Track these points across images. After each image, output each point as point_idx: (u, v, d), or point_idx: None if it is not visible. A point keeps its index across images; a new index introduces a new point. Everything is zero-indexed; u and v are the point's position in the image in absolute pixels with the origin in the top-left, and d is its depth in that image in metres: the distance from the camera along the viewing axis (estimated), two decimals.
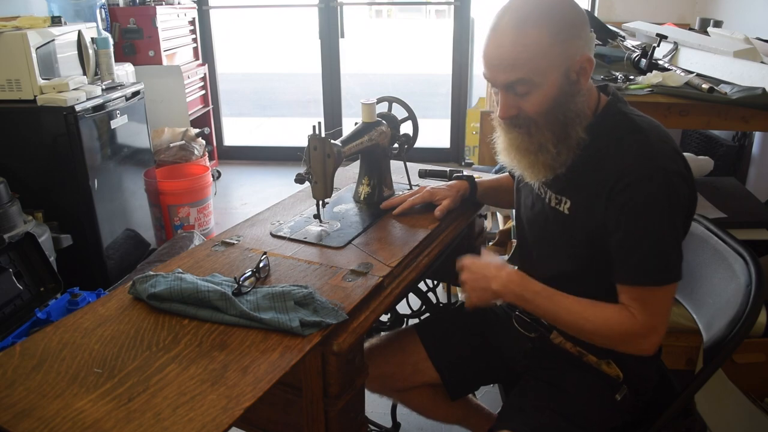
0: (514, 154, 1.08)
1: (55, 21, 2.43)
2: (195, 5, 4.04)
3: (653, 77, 1.72)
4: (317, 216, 1.28)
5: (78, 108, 2.24)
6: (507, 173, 1.44)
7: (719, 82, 1.74)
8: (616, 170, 0.98)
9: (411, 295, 1.66)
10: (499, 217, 2.59)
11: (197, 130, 3.41)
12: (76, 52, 2.48)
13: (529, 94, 0.99)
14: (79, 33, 2.48)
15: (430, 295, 1.65)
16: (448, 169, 1.57)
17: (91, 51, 2.53)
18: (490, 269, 1.10)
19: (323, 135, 1.18)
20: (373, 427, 1.64)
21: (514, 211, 1.31)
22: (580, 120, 1.03)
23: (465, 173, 1.46)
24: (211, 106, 4.10)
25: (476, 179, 1.42)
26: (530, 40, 0.94)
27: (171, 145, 3.21)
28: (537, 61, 0.95)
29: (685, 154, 2.36)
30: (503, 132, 1.09)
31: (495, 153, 1.15)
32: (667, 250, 0.97)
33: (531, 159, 1.05)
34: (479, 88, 4.25)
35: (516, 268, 1.31)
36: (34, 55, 2.20)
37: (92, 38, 2.55)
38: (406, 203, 1.35)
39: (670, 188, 0.96)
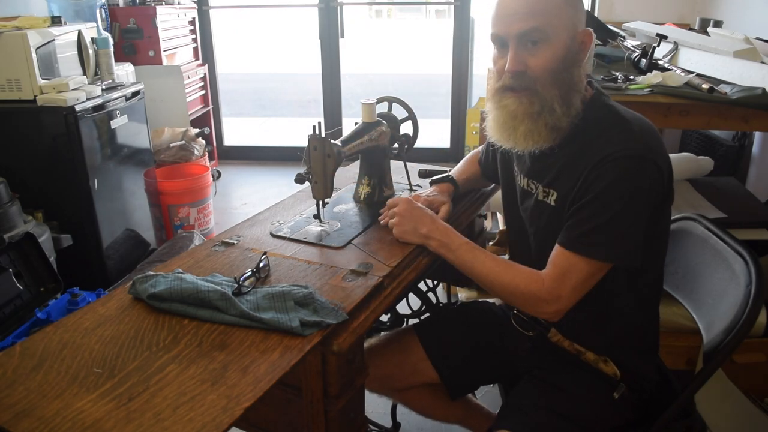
0: (510, 123, 1.05)
1: (55, 21, 2.43)
2: (195, 5, 4.04)
3: (653, 77, 1.72)
4: (317, 216, 1.28)
5: (78, 108, 2.24)
6: (469, 158, 1.45)
7: (719, 82, 1.74)
8: (597, 156, 0.99)
9: (411, 295, 1.66)
10: (499, 217, 2.59)
11: (197, 130, 3.41)
12: (76, 52, 2.48)
13: (540, 48, 1.00)
14: (79, 33, 2.48)
15: (430, 295, 1.65)
16: (448, 169, 1.57)
17: (91, 51, 2.53)
18: (424, 216, 1.17)
19: (323, 135, 1.18)
20: (373, 427, 1.64)
21: (502, 208, 1.31)
22: (580, 93, 1.04)
23: (439, 175, 1.44)
24: (211, 106, 4.10)
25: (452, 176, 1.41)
26: None
27: (171, 145, 3.21)
28: (551, 14, 0.99)
29: (685, 154, 2.36)
30: (498, 101, 1.07)
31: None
32: (615, 230, 0.98)
33: (528, 125, 1.04)
34: (479, 88, 4.25)
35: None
36: (34, 55, 2.20)
37: (92, 38, 2.55)
38: None
39: (642, 175, 0.97)
